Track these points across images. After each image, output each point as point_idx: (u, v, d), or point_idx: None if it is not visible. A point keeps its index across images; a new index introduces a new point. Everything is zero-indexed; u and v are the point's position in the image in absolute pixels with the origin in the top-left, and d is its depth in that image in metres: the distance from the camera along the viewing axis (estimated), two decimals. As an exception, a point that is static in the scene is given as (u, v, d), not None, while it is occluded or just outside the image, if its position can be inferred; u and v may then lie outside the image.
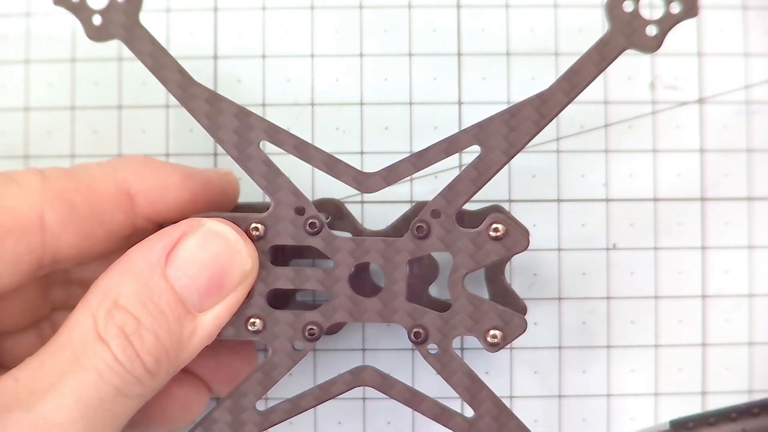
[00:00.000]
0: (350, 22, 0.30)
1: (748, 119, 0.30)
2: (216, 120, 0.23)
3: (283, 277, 0.23)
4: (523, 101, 0.23)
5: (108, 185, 0.24)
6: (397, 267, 0.23)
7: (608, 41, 0.22)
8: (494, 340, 0.23)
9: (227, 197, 0.26)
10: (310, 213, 0.23)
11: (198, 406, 0.27)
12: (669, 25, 0.22)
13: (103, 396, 0.21)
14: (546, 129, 0.29)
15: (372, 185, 0.23)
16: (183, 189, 0.24)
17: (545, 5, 0.30)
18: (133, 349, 0.21)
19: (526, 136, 0.23)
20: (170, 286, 0.22)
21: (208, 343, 0.23)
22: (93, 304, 0.22)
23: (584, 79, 0.23)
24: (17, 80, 0.30)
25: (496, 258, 0.23)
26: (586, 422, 0.29)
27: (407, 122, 0.30)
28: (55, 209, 0.23)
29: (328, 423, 0.29)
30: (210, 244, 0.22)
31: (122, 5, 0.23)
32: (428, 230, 0.23)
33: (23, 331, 0.25)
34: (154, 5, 0.30)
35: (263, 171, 0.23)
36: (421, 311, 0.23)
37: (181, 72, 0.23)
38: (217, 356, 0.27)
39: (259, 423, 0.23)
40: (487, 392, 0.23)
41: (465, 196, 0.23)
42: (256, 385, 0.23)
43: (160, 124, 0.30)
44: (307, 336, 0.23)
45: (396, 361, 0.29)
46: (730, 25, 0.30)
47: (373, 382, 0.23)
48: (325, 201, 0.27)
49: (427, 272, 0.27)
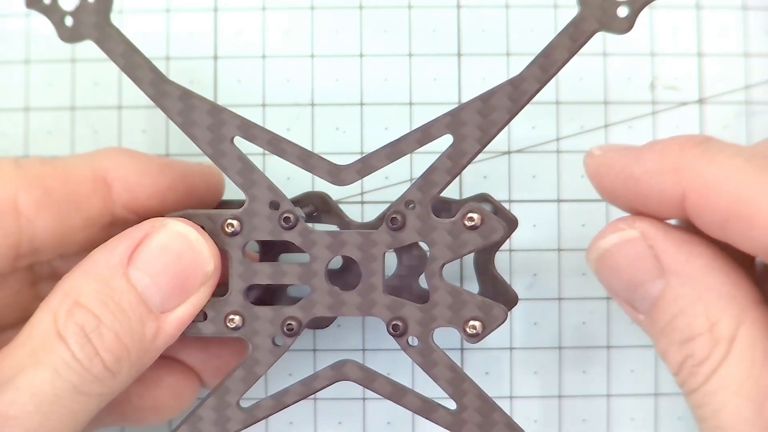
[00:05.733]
0: (350, 22, 0.30)
1: (748, 119, 0.30)
2: (189, 117, 0.23)
3: (261, 272, 0.23)
4: (494, 88, 0.22)
5: (84, 171, 0.24)
6: (374, 259, 0.23)
7: (579, 23, 0.22)
8: (473, 330, 0.23)
9: (210, 189, 0.26)
10: (285, 207, 0.23)
11: (189, 395, 0.27)
12: (640, 5, 0.22)
13: (59, 392, 0.21)
14: (546, 129, 0.29)
15: (346, 178, 0.23)
16: (160, 176, 0.25)
17: (545, 5, 0.30)
18: (92, 347, 0.21)
19: (498, 124, 0.22)
20: (132, 286, 0.22)
21: (171, 343, 0.23)
22: (54, 303, 0.22)
23: (556, 63, 0.22)
24: (17, 80, 0.30)
25: (473, 248, 0.23)
26: (586, 422, 0.29)
27: (407, 122, 0.30)
28: (30, 193, 0.23)
29: (328, 423, 0.29)
30: (172, 245, 0.22)
31: (93, 6, 0.23)
32: (404, 221, 0.23)
33: (12, 327, 0.25)
34: (154, 5, 0.30)
35: (237, 167, 0.23)
36: (400, 303, 0.23)
37: (153, 70, 0.23)
38: (206, 348, 0.27)
39: (243, 420, 0.23)
40: (469, 384, 0.23)
41: (439, 186, 0.23)
42: (238, 382, 0.23)
43: (160, 124, 0.30)
44: (286, 331, 0.23)
45: (396, 361, 0.29)
46: (730, 25, 0.30)
47: (354, 377, 0.23)
48: (312, 194, 0.27)
49: (416, 263, 0.27)
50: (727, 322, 0.20)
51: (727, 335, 0.20)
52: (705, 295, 0.20)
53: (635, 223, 0.22)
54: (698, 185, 0.20)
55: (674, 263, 0.21)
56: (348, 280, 0.26)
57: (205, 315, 0.23)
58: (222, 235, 0.23)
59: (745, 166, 0.20)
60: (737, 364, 0.20)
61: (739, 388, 0.20)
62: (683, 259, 0.21)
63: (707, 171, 0.20)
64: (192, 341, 0.25)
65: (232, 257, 0.23)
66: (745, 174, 0.20)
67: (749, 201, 0.19)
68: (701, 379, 0.20)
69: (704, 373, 0.20)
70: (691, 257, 0.21)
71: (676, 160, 0.21)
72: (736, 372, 0.20)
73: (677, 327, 0.21)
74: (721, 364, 0.20)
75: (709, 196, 0.20)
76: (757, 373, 0.20)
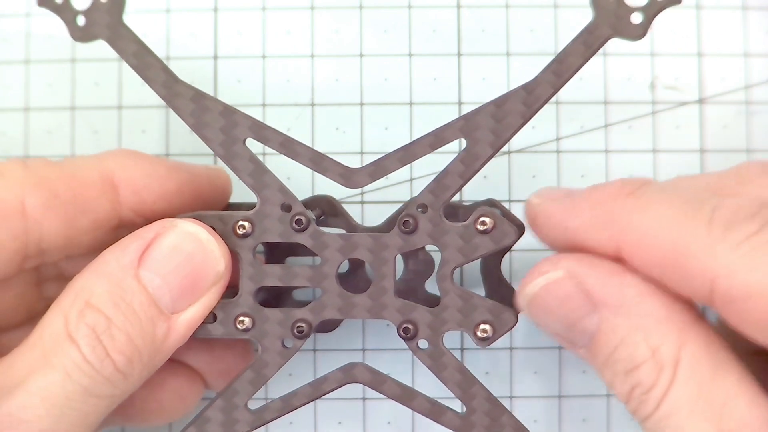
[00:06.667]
0: (350, 22, 0.30)
1: (748, 119, 0.30)
2: (201, 118, 0.23)
3: (272, 274, 0.23)
4: (508, 93, 0.23)
5: (91, 173, 0.24)
6: (385, 262, 0.23)
7: (593, 30, 0.22)
8: (484, 334, 0.23)
9: (217, 192, 0.26)
10: (296, 210, 0.23)
11: (193, 396, 0.27)
12: (654, 11, 0.22)
13: (70, 395, 0.21)
14: (546, 129, 0.29)
15: (358, 181, 0.23)
16: (168, 179, 0.24)
17: (545, 5, 0.30)
18: (103, 348, 0.21)
19: (512, 128, 0.23)
20: (143, 287, 0.22)
21: (182, 344, 0.23)
22: (65, 304, 0.22)
23: (569, 68, 0.22)
24: (17, 80, 0.30)
25: (484, 252, 0.23)
26: (586, 422, 0.29)
27: (407, 122, 0.30)
28: (37, 195, 0.23)
29: (328, 423, 0.29)
30: (183, 245, 0.22)
31: (106, 5, 0.23)
32: (416, 225, 0.23)
33: (18, 328, 0.25)
34: (154, 5, 0.30)
35: (249, 169, 0.23)
36: (411, 307, 0.23)
37: (165, 71, 0.23)
38: (211, 350, 0.27)
39: (251, 421, 0.23)
40: (479, 387, 0.23)
41: (452, 189, 0.23)
42: (247, 384, 0.23)
43: (160, 124, 0.30)
44: (296, 333, 0.23)
45: (396, 361, 0.29)
46: (730, 25, 0.30)
47: (363, 379, 0.23)
48: (319, 198, 0.27)
49: (422, 268, 0.27)
50: (668, 346, 0.20)
51: (670, 359, 0.20)
52: (642, 322, 0.20)
53: (560, 262, 0.21)
54: (631, 239, 0.20)
55: (605, 296, 0.21)
56: (354, 283, 0.26)
57: (215, 316, 0.23)
58: (233, 236, 0.23)
59: (678, 214, 0.20)
60: (686, 386, 0.20)
61: (693, 409, 0.19)
62: (614, 291, 0.21)
63: (640, 222, 0.20)
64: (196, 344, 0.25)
65: (242, 259, 0.23)
66: (679, 223, 0.20)
67: (684, 251, 0.19)
68: (652, 406, 0.20)
69: (654, 399, 0.20)
70: (622, 287, 0.21)
71: (610, 211, 0.21)
72: (686, 393, 0.20)
73: (619, 358, 0.20)
74: (670, 388, 0.20)
75: (643, 248, 0.20)
76: (707, 390, 0.19)
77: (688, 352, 0.20)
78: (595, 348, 0.21)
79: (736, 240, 0.19)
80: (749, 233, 0.19)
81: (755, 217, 0.19)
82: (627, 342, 0.20)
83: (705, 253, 0.19)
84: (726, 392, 0.19)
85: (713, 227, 0.19)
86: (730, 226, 0.19)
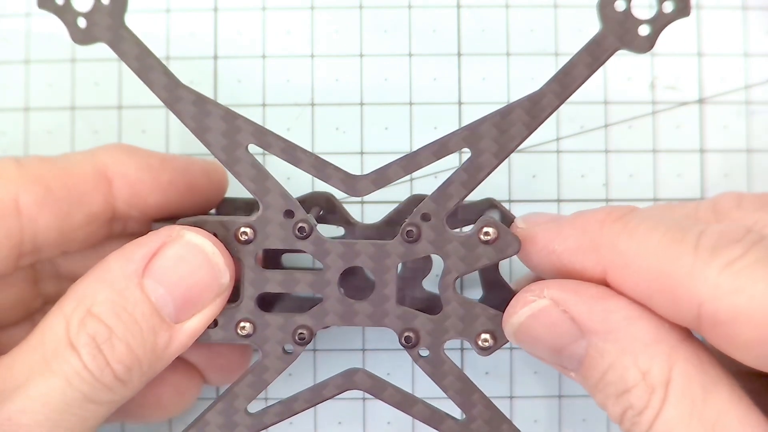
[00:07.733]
0: (350, 22, 0.30)
1: (748, 119, 0.30)
2: (203, 122, 0.23)
3: (273, 280, 0.23)
4: (513, 103, 0.22)
5: (85, 168, 0.24)
6: (387, 270, 0.23)
7: (600, 41, 0.22)
8: (486, 344, 0.23)
9: (213, 185, 0.26)
10: (299, 216, 0.23)
11: (191, 392, 0.27)
12: (662, 24, 0.22)
13: (69, 401, 0.21)
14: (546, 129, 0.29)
15: (361, 189, 0.23)
16: (162, 172, 0.24)
17: (545, 5, 0.30)
18: (104, 357, 0.21)
19: (516, 139, 0.22)
20: (146, 296, 0.22)
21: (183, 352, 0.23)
22: (67, 309, 0.22)
23: (575, 80, 0.22)
24: (17, 80, 0.30)
25: (487, 262, 0.23)
26: (586, 422, 0.29)
27: (407, 122, 0.30)
28: (30, 192, 0.23)
29: (328, 423, 0.29)
30: (188, 257, 0.22)
31: (107, 7, 0.22)
32: (419, 234, 0.23)
33: (15, 325, 0.25)
34: (154, 5, 0.30)
35: (251, 174, 0.23)
36: (412, 315, 0.23)
37: (167, 74, 0.23)
38: (210, 346, 0.27)
39: (250, 425, 0.23)
40: (479, 395, 0.23)
41: (455, 199, 0.23)
42: (247, 388, 0.23)
43: (160, 124, 0.30)
44: (297, 340, 0.23)
45: (396, 362, 0.29)
46: (730, 25, 0.30)
47: (364, 386, 0.23)
48: (317, 194, 0.27)
49: (420, 266, 0.27)
50: (658, 368, 0.20)
51: (661, 380, 0.20)
52: (630, 346, 0.20)
53: (544, 290, 0.21)
54: (618, 263, 0.21)
55: (592, 322, 0.21)
56: (354, 283, 0.26)
57: (216, 322, 0.23)
58: (235, 242, 0.23)
59: (664, 239, 0.20)
60: (678, 406, 0.20)
61: (686, 429, 0.19)
62: (600, 316, 0.21)
63: (626, 248, 0.20)
64: None
65: (244, 265, 0.23)
66: (665, 247, 0.20)
67: (670, 275, 0.19)
68: (645, 427, 0.20)
69: (647, 421, 0.20)
70: (608, 312, 0.21)
71: (596, 237, 0.21)
72: (679, 413, 0.20)
73: (610, 382, 0.20)
74: (662, 409, 0.20)
75: (630, 272, 0.20)
76: (699, 409, 0.19)
77: (678, 372, 0.20)
78: (585, 372, 0.21)
79: (722, 263, 0.19)
80: (735, 257, 0.19)
81: (740, 242, 0.19)
82: (616, 366, 0.20)
83: (692, 277, 0.19)
84: (718, 409, 0.19)
85: (699, 252, 0.19)
86: (716, 251, 0.19)
